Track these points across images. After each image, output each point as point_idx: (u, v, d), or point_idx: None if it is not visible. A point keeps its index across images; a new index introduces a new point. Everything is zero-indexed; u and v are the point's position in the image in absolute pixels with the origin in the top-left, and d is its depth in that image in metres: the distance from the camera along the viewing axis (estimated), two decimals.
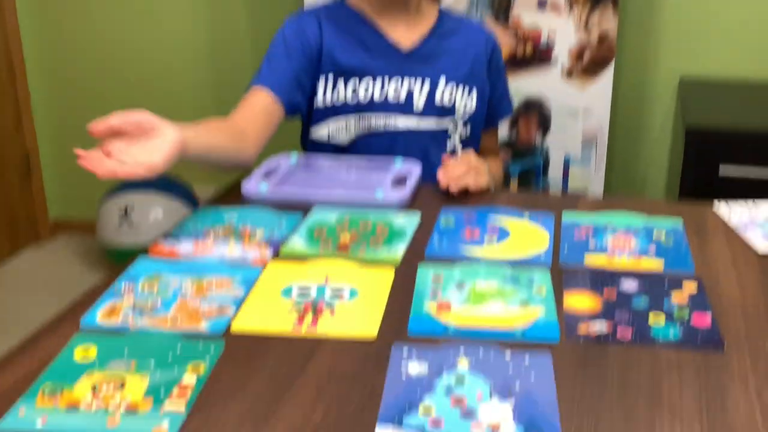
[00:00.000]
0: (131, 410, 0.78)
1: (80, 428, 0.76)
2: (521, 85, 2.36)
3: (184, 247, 1.14)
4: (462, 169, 1.37)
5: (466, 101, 1.54)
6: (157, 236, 1.22)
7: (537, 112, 2.42)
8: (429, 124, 1.53)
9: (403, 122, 1.51)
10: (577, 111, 2.39)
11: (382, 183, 1.35)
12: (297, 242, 1.16)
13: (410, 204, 1.31)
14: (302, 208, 1.29)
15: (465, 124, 1.57)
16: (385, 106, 1.50)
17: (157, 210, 2.87)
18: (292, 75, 1.47)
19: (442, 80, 1.52)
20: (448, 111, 1.54)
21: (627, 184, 2.75)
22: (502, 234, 1.19)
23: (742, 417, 0.77)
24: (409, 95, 1.50)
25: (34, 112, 3.09)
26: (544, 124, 2.43)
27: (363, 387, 0.82)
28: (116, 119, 1.06)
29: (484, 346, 0.89)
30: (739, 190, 2.21)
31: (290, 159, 1.47)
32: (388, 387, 0.82)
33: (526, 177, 2.47)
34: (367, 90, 1.49)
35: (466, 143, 1.58)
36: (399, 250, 1.13)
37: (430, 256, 1.11)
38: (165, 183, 2.89)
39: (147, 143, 1.07)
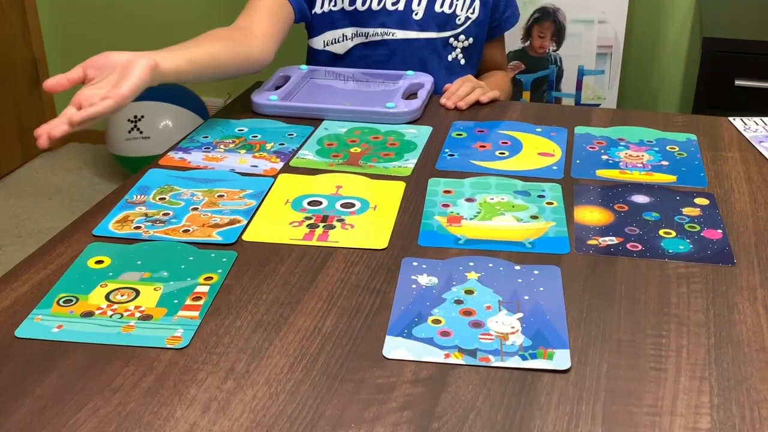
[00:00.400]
0: (145, 318, 0.79)
1: (95, 335, 0.77)
2: None
3: (195, 157, 1.14)
4: (467, 88, 1.35)
5: (467, 9, 1.50)
6: (167, 145, 1.22)
7: (551, 21, 2.37)
8: (429, 33, 1.49)
9: (401, 32, 1.48)
10: (593, 20, 2.34)
11: (393, 95, 1.33)
12: (307, 154, 1.15)
13: (422, 116, 1.30)
14: (313, 120, 1.28)
15: (467, 34, 1.52)
16: (383, 15, 1.46)
17: (166, 119, 2.86)
18: None
19: None
20: (448, 19, 1.49)
21: (641, 94, 2.72)
22: (514, 147, 1.18)
23: (748, 330, 0.78)
24: (408, 3, 1.46)
25: (41, 17, 3.05)
26: (558, 34, 2.38)
27: (373, 298, 0.83)
28: (75, 72, 1.03)
29: (493, 258, 0.89)
30: (754, 102, 2.18)
31: (300, 71, 1.45)
32: (397, 299, 0.83)
33: (538, 87, 2.44)
34: None
35: (468, 55, 1.54)
36: (410, 162, 1.12)
37: (441, 170, 1.11)
38: (175, 93, 2.87)
39: (116, 80, 1.02)
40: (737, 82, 2.18)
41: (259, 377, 0.72)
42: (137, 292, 0.84)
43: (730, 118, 1.27)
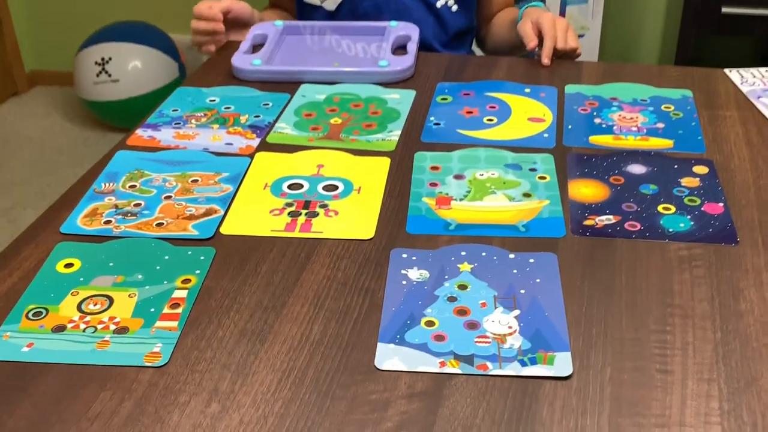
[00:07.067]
0: (121, 331, 0.75)
1: (68, 354, 0.72)
2: None
3: (165, 135, 1.07)
4: (562, 27, 1.27)
5: None
6: (137, 89, 1.18)
7: None
8: None
9: None
10: None
11: (381, 51, 1.25)
12: (285, 127, 1.09)
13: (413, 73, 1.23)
14: (289, 85, 1.21)
15: None
16: None
17: (135, 60, 2.76)
18: None
19: None
20: None
21: (626, 25, 2.64)
22: (503, 112, 1.12)
23: (756, 321, 0.74)
24: None
25: None
26: None
27: (362, 298, 0.78)
28: (223, 5, 1.33)
29: (486, 246, 0.85)
30: (741, 29, 2.14)
31: (276, 27, 1.36)
32: (387, 298, 0.78)
33: None
34: None
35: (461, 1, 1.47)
36: (393, 135, 1.06)
37: (427, 141, 1.05)
38: (143, 32, 2.76)
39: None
40: (724, 10, 2.13)
41: (245, 398, 0.68)
42: (111, 300, 0.79)
43: (726, 71, 1.22)
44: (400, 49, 1.28)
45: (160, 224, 0.89)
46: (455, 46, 1.47)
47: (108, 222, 0.90)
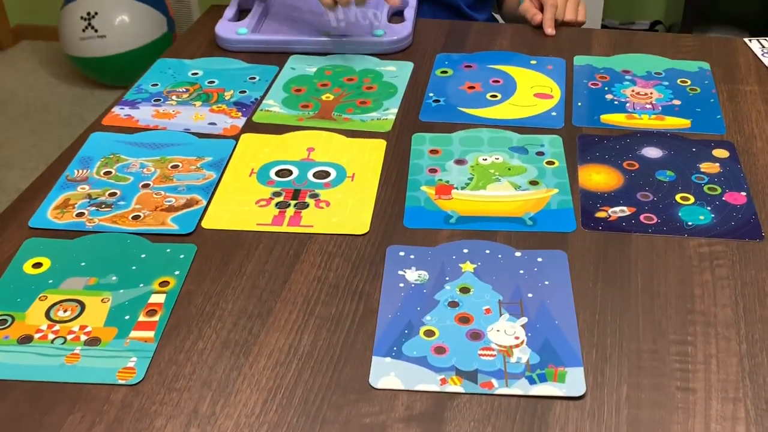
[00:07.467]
0: (92, 343, 0.68)
1: (35, 370, 0.66)
2: None
3: (143, 114, 1.00)
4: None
5: None
6: (125, 44, 1.08)
7: None
8: None
9: None
10: None
11: (377, 17, 1.17)
12: (273, 105, 1.01)
13: (411, 43, 1.15)
14: (278, 56, 1.13)
15: None
16: None
17: (122, 15, 2.66)
18: None
19: None
20: None
21: None
22: (507, 87, 1.04)
23: None
24: None
25: None
26: None
27: (355, 303, 0.72)
28: None
29: (490, 243, 0.78)
30: None
31: None
32: (383, 303, 0.72)
33: None
34: None
35: None
36: (390, 113, 0.99)
37: (425, 121, 0.98)
38: None
39: None
40: None
41: (227, 421, 0.62)
42: (82, 306, 0.72)
43: (746, 40, 1.14)
44: (396, 15, 1.20)
45: (136, 217, 0.82)
46: (479, 8, 1.38)
47: (81, 214, 0.83)
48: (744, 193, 0.84)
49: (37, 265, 0.77)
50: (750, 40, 1.13)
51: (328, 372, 0.65)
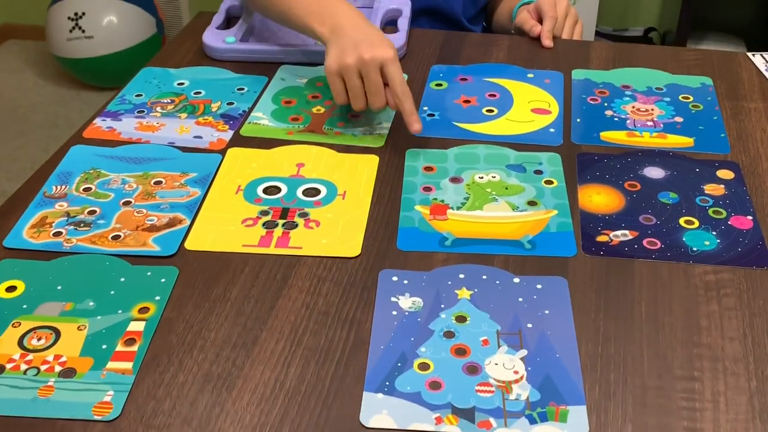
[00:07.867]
0: (67, 374, 0.64)
1: (7, 404, 0.62)
2: None
3: (126, 126, 0.96)
4: (562, 6, 1.17)
5: None
6: (112, 46, 1.04)
7: None
8: None
9: None
10: None
11: None
12: (261, 117, 0.97)
13: (405, 53, 1.11)
14: (267, 66, 1.09)
15: None
16: None
17: (110, 15, 2.61)
18: None
19: None
20: None
21: None
22: (503, 102, 1.01)
23: None
24: None
25: None
26: None
27: (346, 332, 0.68)
28: None
29: (487, 268, 0.75)
30: None
31: None
32: (375, 333, 0.68)
33: None
34: None
35: None
36: (383, 128, 0.95)
37: (420, 135, 0.94)
38: None
39: None
40: None
41: None
42: (57, 334, 0.68)
43: (749, 54, 1.11)
44: (390, 25, 1.16)
45: (116, 237, 0.78)
46: (477, 20, 1.34)
47: (58, 234, 0.79)
48: (750, 217, 0.81)
49: (11, 288, 0.73)
50: (753, 55, 1.10)
51: (317, 409, 0.62)
